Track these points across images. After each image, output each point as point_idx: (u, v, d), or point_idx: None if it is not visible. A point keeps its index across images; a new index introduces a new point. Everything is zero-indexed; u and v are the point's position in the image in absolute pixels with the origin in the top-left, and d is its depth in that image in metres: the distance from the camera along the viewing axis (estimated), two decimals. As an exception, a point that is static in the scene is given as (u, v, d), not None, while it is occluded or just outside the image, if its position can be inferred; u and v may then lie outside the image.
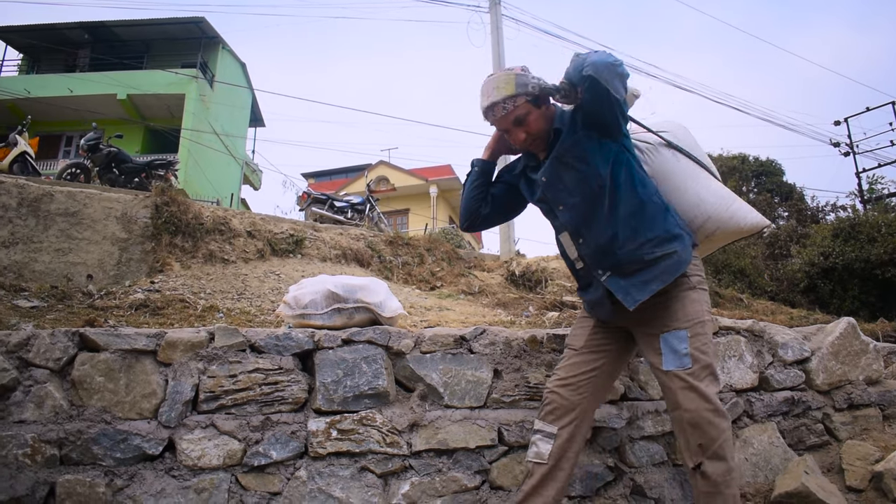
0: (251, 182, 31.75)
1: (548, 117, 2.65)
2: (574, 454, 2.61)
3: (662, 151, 2.87)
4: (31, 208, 5.87)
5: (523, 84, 2.53)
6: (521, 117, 2.59)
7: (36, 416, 2.52)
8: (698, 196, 2.80)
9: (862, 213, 15.23)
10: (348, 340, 2.91)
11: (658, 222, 2.57)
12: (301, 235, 7.34)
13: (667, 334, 2.50)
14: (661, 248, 2.54)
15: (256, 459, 2.66)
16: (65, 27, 24.34)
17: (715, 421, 2.37)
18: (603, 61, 2.41)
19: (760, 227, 2.88)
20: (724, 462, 2.37)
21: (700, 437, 2.38)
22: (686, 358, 2.45)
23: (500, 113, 2.58)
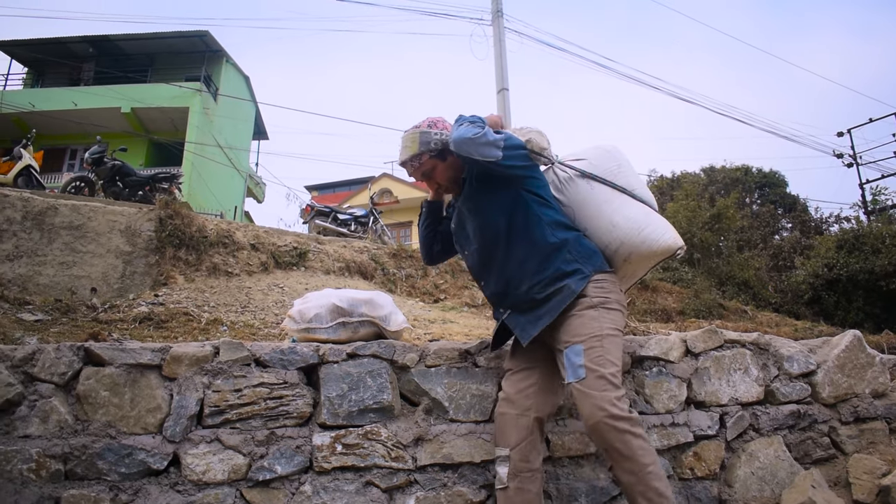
0: (255, 195, 31.83)
1: (456, 167, 2.90)
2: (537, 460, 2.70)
3: (578, 182, 2.98)
4: (36, 221, 5.89)
5: (426, 142, 2.83)
6: (428, 171, 2.90)
7: (41, 431, 2.51)
8: (611, 222, 2.88)
9: (866, 224, 15.23)
10: (353, 354, 2.91)
11: (550, 262, 2.73)
12: (305, 248, 7.35)
13: (567, 350, 2.60)
14: (551, 286, 2.70)
15: (261, 474, 2.65)
16: (69, 41, 24.49)
17: (615, 425, 2.42)
18: (461, 137, 2.68)
19: (673, 249, 2.87)
20: (632, 461, 2.43)
21: (604, 443, 2.47)
22: (581, 370, 2.53)
23: (409, 170, 2.90)
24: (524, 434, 2.66)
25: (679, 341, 3.44)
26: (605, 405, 2.43)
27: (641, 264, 2.95)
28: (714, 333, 3.53)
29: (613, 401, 2.45)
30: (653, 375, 3.31)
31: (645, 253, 2.84)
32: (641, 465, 2.41)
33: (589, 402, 2.46)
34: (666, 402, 3.29)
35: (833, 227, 20.19)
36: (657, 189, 22.61)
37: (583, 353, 2.55)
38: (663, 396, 3.29)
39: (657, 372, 3.32)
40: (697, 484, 3.24)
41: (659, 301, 8.72)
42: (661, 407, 3.28)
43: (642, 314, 7.80)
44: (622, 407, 2.46)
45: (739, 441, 3.41)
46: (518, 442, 2.65)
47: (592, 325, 2.62)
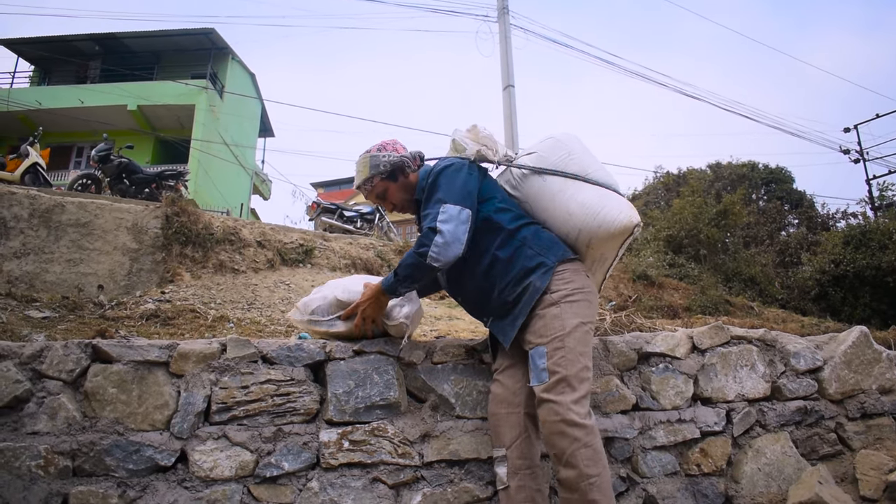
0: (261, 192, 31.86)
1: (408, 188, 2.99)
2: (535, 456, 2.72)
3: (531, 177, 3.00)
4: (43, 219, 5.90)
5: (375, 165, 2.91)
6: (381, 193, 2.99)
7: (49, 428, 2.52)
8: (567, 211, 2.87)
9: (873, 220, 15.17)
10: (360, 351, 2.91)
11: (513, 264, 2.75)
12: (311, 245, 7.35)
13: (532, 351, 2.64)
14: (518, 285, 2.72)
15: (268, 470, 2.66)
16: (76, 39, 24.52)
17: (566, 431, 2.44)
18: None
19: (630, 227, 2.79)
20: (574, 469, 2.42)
21: (552, 448, 2.49)
22: (544, 373, 2.55)
23: (364, 193, 3.00)
24: (518, 431, 2.67)
25: (685, 337, 3.44)
26: (560, 410, 2.46)
27: (605, 248, 2.91)
28: (720, 330, 3.53)
29: (570, 405, 2.46)
30: (659, 371, 3.31)
31: (604, 236, 2.81)
32: (584, 475, 2.42)
33: (546, 406, 2.49)
34: (672, 399, 3.29)
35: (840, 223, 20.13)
36: (663, 185, 22.58)
37: (545, 354, 2.57)
38: (670, 393, 3.29)
39: (663, 368, 3.32)
40: (704, 480, 3.24)
41: (665, 297, 8.71)
42: (667, 403, 3.28)
43: (648, 310, 7.78)
44: (579, 412, 2.47)
45: (746, 437, 3.41)
46: (513, 440, 2.67)
47: (555, 324, 2.62)
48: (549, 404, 2.48)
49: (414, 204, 2.99)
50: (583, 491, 2.41)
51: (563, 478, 2.45)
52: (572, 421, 2.44)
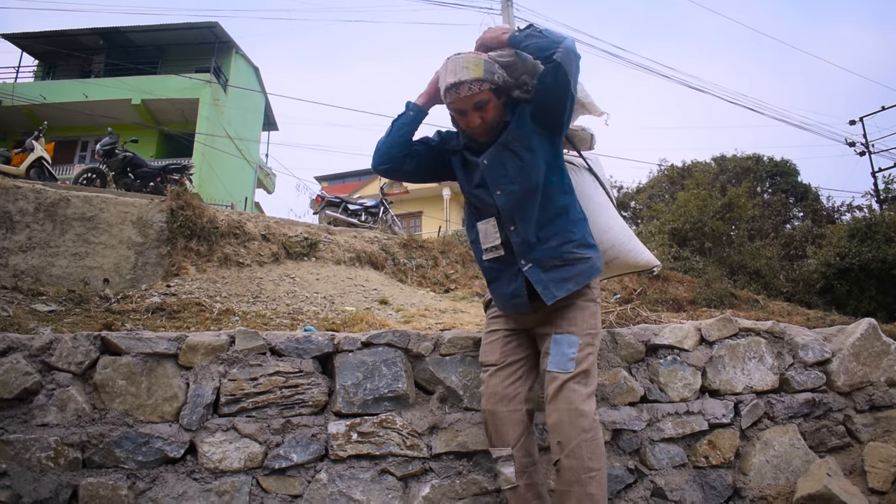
0: (265, 186, 31.88)
1: (501, 109, 2.69)
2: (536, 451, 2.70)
3: (585, 175, 3.02)
4: (48, 213, 5.91)
5: (490, 71, 2.59)
6: (482, 103, 2.61)
7: (59, 420, 2.53)
8: (608, 224, 2.95)
9: (878, 212, 15.11)
10: (368, 343, 2.91)
11: (579, 228, 2.71)
12: (315, 238, 7.36)
13: (559, 336, 2.58)
14: (580, 250, 2.66)
15: (277, 462, 2.66)
16: (80, 33, 24.53)
17: (577, 421, 2.43)
18: (574, 50, 2.53)
19: (651, 265, 3.10)
20: (578, 460, 2.41)
21: (560, 435, 2.44)
22: (571, 362, 2.52)
23: (464, 93, 2.58)
24: (521, 429, 2.62)
25: (693, 330, 3.43)
26: (577, 400, 2.46)
27: (616, 271, 3.11)
28: (729, 322, 3.52)
29: (585, 398, 2.48)
30: (667, 364, 3.30)
31: (630, 261, 3.00)
32: (586, 467, 2.41)
33: (565, 394, 2.47)
34: (680, 391, 3.28)
35: (845, 216, 20.06)
36: (668, 178, 22.52)
37: (577, 345, 2.55)
38: (678, 385, 3.28)
39: (671, 360, 3.31)
40: (712, 472, 3.24)
41: (670, 290, 8.69)
42: (675, 395, 3.27)
43: (653, 303, 7.77)
44: (591, 406, 2.49)
45: (754, 429, 3.40)
46: (518, 439, 2.60)
47: (591, 321, 2.64)
48: (568, 392, 2.46)
49: (497, 126, 2.69)
50: (583, 482, 2.40)
51: (564, 466, 2.42)
52: (585, 412, 2.44)
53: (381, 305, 5.83)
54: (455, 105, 2.63)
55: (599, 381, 3.14)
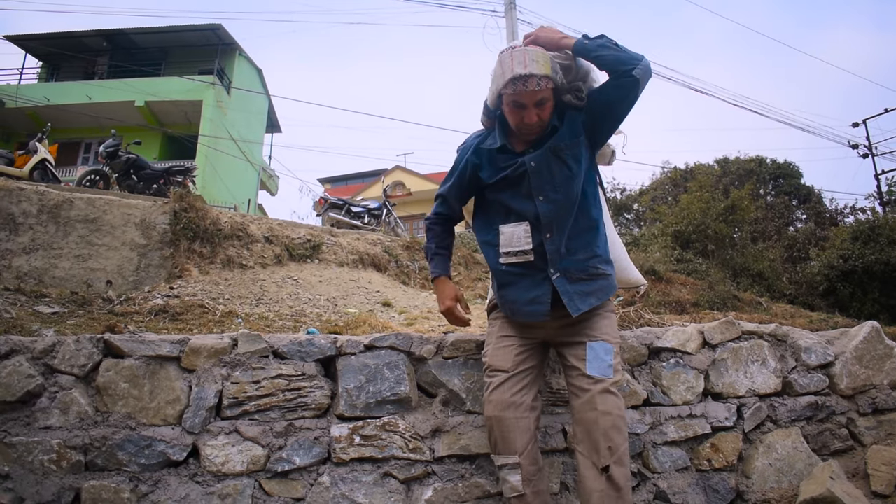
0: (268, 188, 31.89)
1: (552, 111, 2.62)
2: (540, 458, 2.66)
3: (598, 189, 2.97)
4: (52, 215, 5.92)
5: (555, 70, 2.53)
6: (544, 100, 2.53)
7: (61, 423, 2.54)
8: (612, 239, 2.96)
9: (881, 215, 15.10)
10: (371, 346, 2.91)
11: (602, 244, 2.73)
12: (318, 240, 7.36)
13: (594, 343, 2.58)
14: (603, 266, 2.69)
15: (280, 465, 2.66)
16: (83, 35, 24.55)
17: (622, 427, 2.46)
18: (651, 70, 2.55)
19: (638, 284, 3.18)
20: (626, 468, 2.43)
21: (608, 441, 2.42)
22: (610, 369, 2.53)
23: (532, 86, 2.46)
24: (528, 437, 2.58)
25: (696, 333, 3.43)
26: (622, 406, 2.49)
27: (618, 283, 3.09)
28: (731, 325, 3.51)
29: (622, 405, 2.51)
30: (670, 367, 3.30)
31: (624, 278, 3.07)
32: (629, 476, 2.45)
33: (611, 399, 2.46)
34: (683, 394, 3.28)
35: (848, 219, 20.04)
36: (671, 180, 22.51)
37: (612, 353, 2.57)
38: (680, 388, 3.28)
39: (674, 363, 3.31)
40: (715, 475, 3.23)
41: (673, 293, 8.68)
42: (678, 398, 3.27)
43: (656, 306, 7.76)
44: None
45: (757, 432, 3.40)
46: (525, 446, 2.56)
47: (616, 331, 2.70)
48: (613, 398, 2.47)
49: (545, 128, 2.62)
50: (626, 490, 2.40)
51: (613, 475, 2.39)
52: (625, 419, 2.48)
53: (383, 307, 5.83)
54: (518, 98, 2.51)
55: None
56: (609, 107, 2.61)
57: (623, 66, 2.51)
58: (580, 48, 2.59)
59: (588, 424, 2.47)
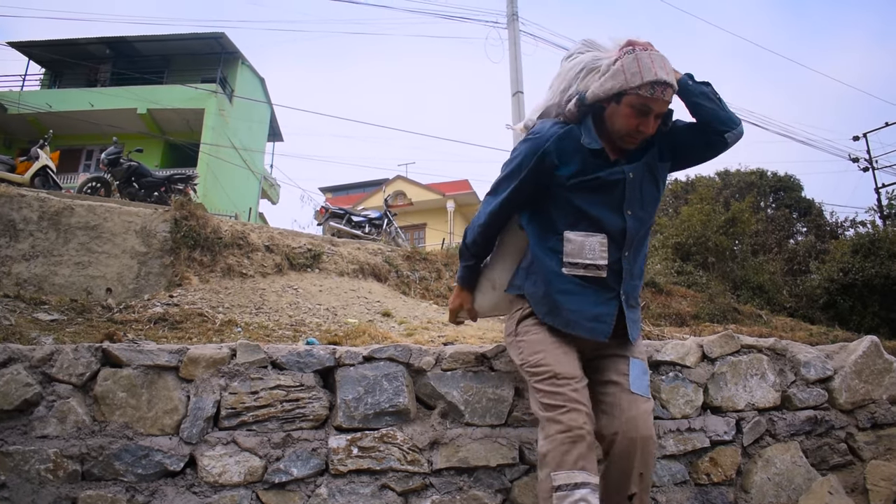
0: (269, 196, 31.96)
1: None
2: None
3: None
4: (52, 222, 5.93)
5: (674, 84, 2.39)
6: (663, 114, 2.42)
7: (58, 432, 2.53)
8: None
9: (882, 228, 15.13)
10: (369, 357, 2.91)
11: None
12: (319, 250, 7.37)
13: (637, 361, 2.48)
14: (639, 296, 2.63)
15: (277, 476, 2.66)
16: (86, 42, 24.67)
17: (653, 446, 2.36)
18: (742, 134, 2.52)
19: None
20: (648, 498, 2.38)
21: (644, 468, 2.33)
22: (648, 390, 2.46)
23: (668, 97, 2.34)
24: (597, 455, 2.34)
25: (695, 346, 3.42)
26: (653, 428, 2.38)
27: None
28: (731, 338, 3.51)
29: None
30: (669, 380, 3.29)
31: None
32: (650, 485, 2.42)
33: (649, 420, 2.36)
34: (682, 408, 3.27)
35: (848, 232, 20.08)
36: (671, 192, 22.54)
37: (647, 373, 2.50)
38: (679, 401, 3.27)
39: (673, 377, 3.31)
40: (713, 490, 3.22)
41: (673, 305, 8.68)
42: (677, 412, 3.26)
43: (656, 318, 7.77)
44: None
45: (756, 447, 3.39)
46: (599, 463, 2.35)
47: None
48: (650, 420, 2.36)
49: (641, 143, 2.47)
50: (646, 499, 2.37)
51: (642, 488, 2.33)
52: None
53: (383, 318, 5.83)
54: (648, 103, 2.32)
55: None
56: (689, 151, 2.55)
57: (719, 125, 2.45)
58: (682, 86, 2.46)
59: (627, 446, 2.31)
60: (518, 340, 2.57)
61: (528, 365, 2.46)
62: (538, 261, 2.54)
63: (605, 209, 2.45)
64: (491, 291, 2.81)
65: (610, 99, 2.38)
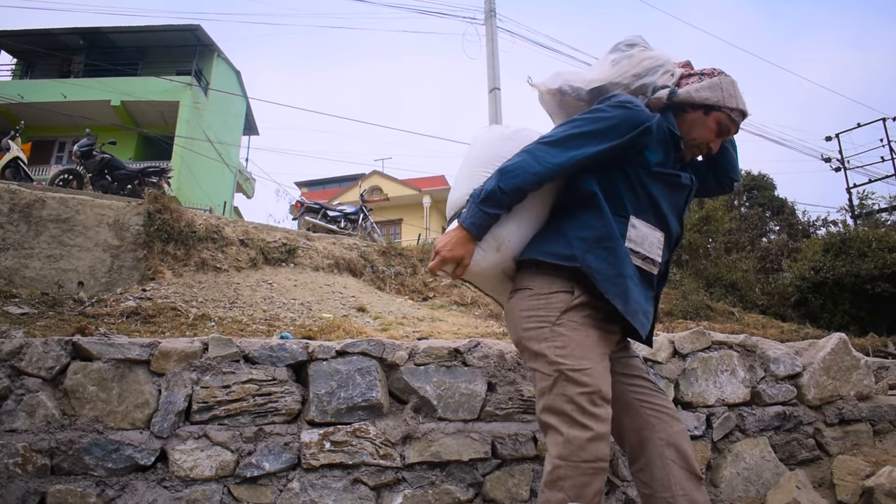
0: (244, 190, 31.77)
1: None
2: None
3: None
4: (23, 214, 5.85)
5: None
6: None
7: (27, 426, 2.50)
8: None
9: (853, 228, 15.34)
10: (342, 352, 2.90)
11: None
12: (294, 244, 7.34)
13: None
14: None
15: (249, 471, 2.65)
16: (60, 32, 24.35)
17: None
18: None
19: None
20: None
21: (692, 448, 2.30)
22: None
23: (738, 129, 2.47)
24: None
25: (667, 342, 3.45)
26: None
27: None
28: (702, 335, 3.55)
29: None
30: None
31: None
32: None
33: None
34: (653, 403, 3.30)
35: (820, 231, 20.35)
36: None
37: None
38: (652, 397, 3.30)
39: (645, 372, 3.33)
40: (683, 484, 3.25)
41: (647, 302, 8.74)
42: (648, 407, 3.29)
43: (630, 314, 7.81)
44: None
45: (725, 442, 3.43)
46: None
47: None
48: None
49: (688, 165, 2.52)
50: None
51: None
52: None
53: (358, 313, 5.82)
54: (729, 126, 2.40)
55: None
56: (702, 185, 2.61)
57: (734, 173, 2.60)
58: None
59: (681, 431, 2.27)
60: (559, 333, 2.18)
61: (566, 368, 2.11)
62: (614, 236, 2.25)
63: (670, 209, 2.39)
64: (493, 253, 2.29)
65: (699, 107, 2.39)
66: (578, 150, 2.24)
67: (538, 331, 2.22)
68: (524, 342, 2.26)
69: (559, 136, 2.28)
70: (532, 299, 2.27)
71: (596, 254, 2.22)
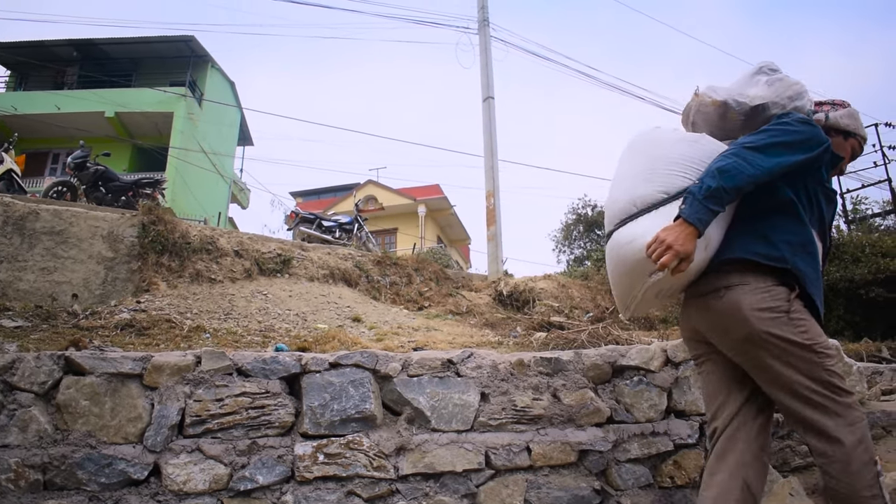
0: (239, 201, 31.73)
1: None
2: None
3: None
4: (17, 226, 5.84)
5: None
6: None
7: (20, 441, 2.50)
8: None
9: (846, 233, 15.34)
10: (336, 364, 2.91)
11: None
12: (289, 255, 7.34)
13: None
14: None
15: (242, 484, 2.65)
16: (53, 44, 24.30)
17: None
18: None
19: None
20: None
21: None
22: None
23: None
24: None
25: (659, 351, 3.46)
26: None
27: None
28: (694, 343, 3.55)
29: None
30: (633, 385, 3.33)
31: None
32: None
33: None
34: (646, 412, 3.31)
35: (814, 236, 20.35)
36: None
37: None
38: (644, 406, 3.31)
39: (637, 381, 3.34)
40: (677, 492, 3.26)
41: (642, 309, 8.74)
42: (641, 416, 3.30)
43: (626, 322, 7.82)
44: None
45: (718, 450, 3.43)
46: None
47: None
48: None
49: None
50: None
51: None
52: None
53: (353, 323, 5.82)
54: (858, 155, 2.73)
55: (567, 402, 3.17)
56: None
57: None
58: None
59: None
60: (798, 319, 2.32)
61: (819, 346, 2.28)
62: (814, 242, 2.45)
63: (829, 222, 2.56)
64: (702, 251, 2.34)
65: (841, 132, 2.64)
66: (781, 158, 2.37)
67: (776, 321, 2.29)
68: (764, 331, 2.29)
69: (761, 144, 2.39)
70: (757, 293, 2.34)
71: (802, 258, 2.37)
